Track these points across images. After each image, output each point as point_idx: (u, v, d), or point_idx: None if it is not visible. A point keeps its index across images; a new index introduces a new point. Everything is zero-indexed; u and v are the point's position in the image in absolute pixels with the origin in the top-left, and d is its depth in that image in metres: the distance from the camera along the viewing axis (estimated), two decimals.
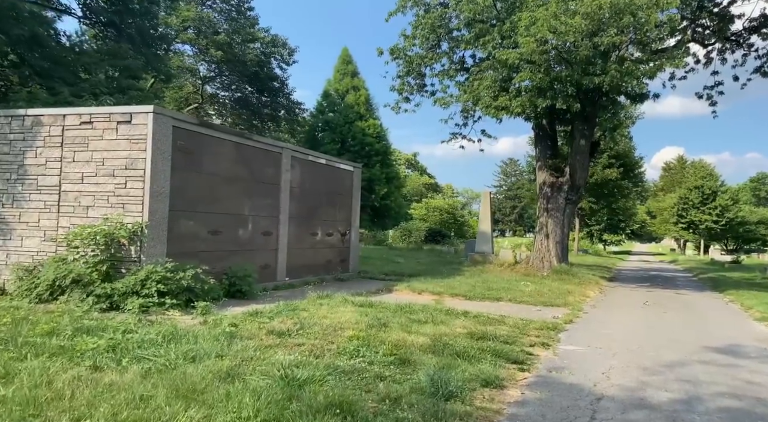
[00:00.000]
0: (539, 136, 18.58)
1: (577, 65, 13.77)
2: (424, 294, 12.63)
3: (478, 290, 13.08)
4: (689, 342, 8.35)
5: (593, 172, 35.07)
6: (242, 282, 10.34)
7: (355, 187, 16.05)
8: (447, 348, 6.49)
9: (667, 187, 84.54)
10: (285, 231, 12.58)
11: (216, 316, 7.69)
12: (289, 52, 34.00)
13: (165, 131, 9.09)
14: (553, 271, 16.83)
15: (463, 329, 7.91)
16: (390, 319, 8.15)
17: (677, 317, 11.10)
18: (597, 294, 14.88)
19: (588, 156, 17.74)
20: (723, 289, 17.15)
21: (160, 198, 9.01)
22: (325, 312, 8.42)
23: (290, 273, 12.84)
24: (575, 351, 7.34)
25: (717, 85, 19.86)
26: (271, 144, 12.21)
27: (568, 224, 17.92)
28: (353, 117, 35.87)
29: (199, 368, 4.80)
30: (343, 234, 15.42)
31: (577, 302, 12.58)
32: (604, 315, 10.93)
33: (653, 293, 15.76)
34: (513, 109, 14.57)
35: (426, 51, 19.26)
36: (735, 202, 62.35)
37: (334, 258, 14.98)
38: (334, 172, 15.00)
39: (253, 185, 11.55)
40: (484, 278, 15.43)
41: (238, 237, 11.13)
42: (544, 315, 10.35)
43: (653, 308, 12.40)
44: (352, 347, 6.19)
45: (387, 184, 36.53)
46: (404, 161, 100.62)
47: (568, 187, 17.57)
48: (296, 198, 13.07)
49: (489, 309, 10.70)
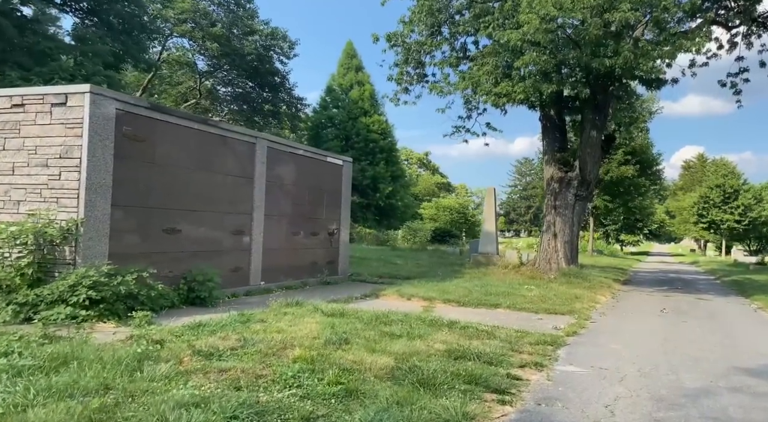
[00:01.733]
0: (547, 127, 17.20)
1: (587, 46, 12.42)
2: (413, 300, 11.39)
3: (475, 295, 11.80)
4: (715, 361, 7.00)
5: (608, 168, 33.46)
6: (202, 287, 9.18)
7: (345, 182, 14.85)
8: (412, 373, 5.25)
9: (686, 186, 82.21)
10: (260, 230, 11.42)
11: (149, 330, 6.52)
12: (290, 45, 32.93)
13: (106, 114, 7.96)
14: (561, 274, 15.46)
15: (443, 345, 6.66)
16: (357, 333, 6.94)
17: (699, 328, 9.71)
18: (608, 299, 13.49)
19: (599, 149, 16.33)
20: (750, 294, 15.63)
21: (99, 191, 7.88)
22: (284, 325, 7.22)
23: (266, 276, 11.67)
24: (575, 374, 6.04)
25: (742, 71, 18.28)
26: (242, 133, 11.04)
27: (577, 222, 16.53)
28: (357, 113, 34.76)
29: (47, 414, 3.59)
30: (330, 234, 14.22)
31: (585, 309, 11.23)
32: (614, 325, 9.58)
33: (672, 298, 14.31)
34: (515, 95, 13.24)
35: (426, 37, 18.00)
36: (758, 201, 60.01)
37: (321, 260, 13.78)
38: (319, 165, 13.81)
39: (220, 178, 10.39)
40: (484, 281, 14.12)
41: (202, 237, 9.98)
42: (545, 325, 9.05)
43: (671, 316, 11.01)
44: (292, 373, 4.98)
45: (392, 183, 35.35)
46: (416, 160, 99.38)
47: (578, 182, 16.17)
48: (274, 193, 11.90)
49: (483, 318, 9.42)
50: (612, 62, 12.36)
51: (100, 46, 14.56)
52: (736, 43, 18.31)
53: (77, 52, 14.01)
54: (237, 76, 32.56)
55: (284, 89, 34.11)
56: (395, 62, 18.64)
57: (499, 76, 14.30)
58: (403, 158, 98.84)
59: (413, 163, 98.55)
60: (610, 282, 17.11)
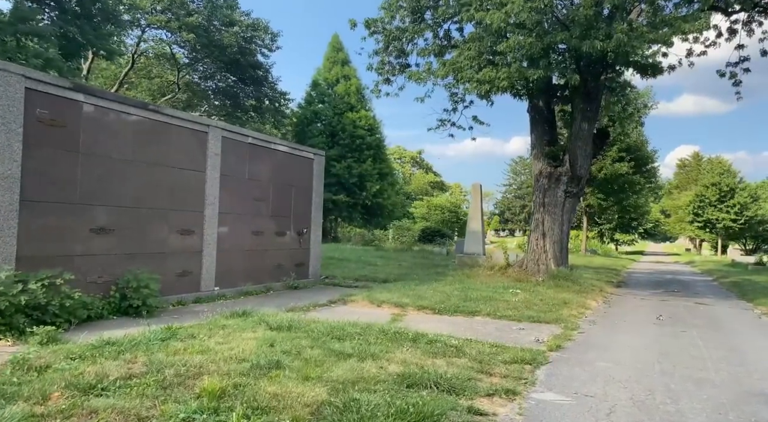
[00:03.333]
0: (535, 119, 16.10)
1: (576, 27, 11.33)
2: (384, 307, 10.29)
3: (453, 301, 10.72)
4: (722, 384, 5.92)
5: (602, 165, 32.45)
6: (135, 295, 8.04)
7: (317, 177, 13.72)
8: (346, 411, 4.14)
9: (682, 185, 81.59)
10: (213, 230, 10.28)
11: (42, 350, 5.40)
12: (272, 37, 31.68)
13: (12, 94, 6.81)
14: (550, 276, 14.38)
15: (399, 367, 5.56)
16: (299, 353, 5.83)
17: (700, 339, 8.63)
18: (599, 304, 12.41)
19: (591, 142, 15.24)
20: (752, 298, 14.59)
21: (2, 183, 6.74)
22: (214, 343, 6.11)
23: (222, 281, 10.54)
24: (553, 406, 4.95)
25: (742, 60, 17.25)
26: (191, 120, 9.89)
27: (567, 221, 15.45)
28: (343, 108, 33.57)
29: None
30: (299, 234, 13.09)
31: (573, 316, 10.16)
32: (604, 337, 8.49)
33: (668, 303, 13.25)
34: (499, 82, 12.13)
35: (408, 24, 16.88)
36: (755, 200, 59.25)
37: (287, 262, 12.65)
38: (287, 159, 12.67)
39: (164, 171, 9.25)
40: (466, 284, 13.04)
41: (141, 237, 8.83)
42: (526, 338, 7.96)
43: (669, 325, 9.93)
44: (185, 415, 3.87)
45: (380, 181, 34.19)
46: (409, 159, 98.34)
47: (568, 178, 15.09)
48: (231, 188, 10.77)
49: (457, 329, 8.34)
50: (603, 46, 11.27)
51: (42, 27, 13.32)
52: (735, 30, 17.28)
53: (14, 32, 12.76)
54: (218, 70, 31.32)
55: (267, 83, 32.87)
56: (375, 50, 17.54)
57: (482, 62, 13.21)
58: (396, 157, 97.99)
59: (406, 162, 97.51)
60: (603, 284, 16.04)
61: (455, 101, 18.64)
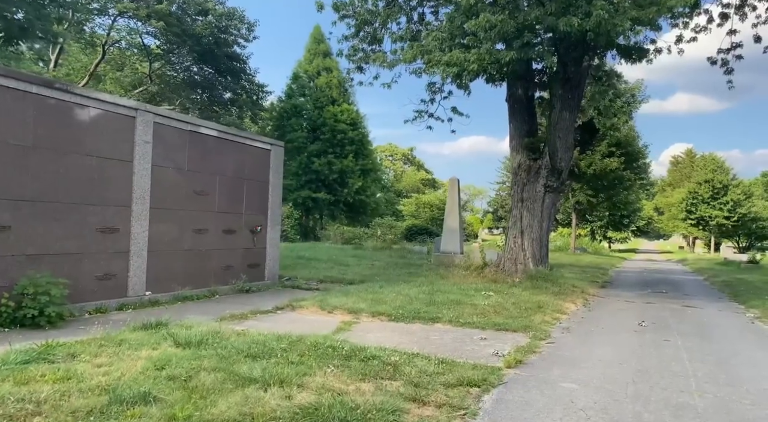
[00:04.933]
0: (514, 109, 15.04)
1: (552, 3, 10.27)
2: (335, 314, 9.22)
3: (415, 305, 9.67)
4: (705, 411, 4.88)
5: (591, 161, 31.47)
6: (32, 303, 6.93)
7: (274, 170, 12.62)
8: None
9: (675, 182, 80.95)
10: (143, 228, 9.17)
11: None
12: (248, 26, 30.46)
13: None
14: (528, 277, 13.36)
15: (310, 395, 4.50)
16: (190, 377, 4.77)
17: (685, 350, 7.60)
18: (578, 308, 11.37)
19: (572, 132, 14.19)
20: (744, 299, 13.61)
21: None
22: (92, 366, 5.03)
23: (155, 285, 9.43)
24: None
25: (734, 47, 16.26)
26: (113, 103, 8.74)
27: (548, 218, 14.41)
28: (325, 101, 32.41)
29: None
30: (253, 232, 11.99)
31: (545, 323, 9.11)
32: (575, 349, 7.45)
33: (653, 306, 12.24)
34: (469, 65, 11.04)
35: (381, 8, 15.80)
36: (748, 197, 58.58)
37: (239, 263, 11.56)
38: (238, 149, 11.56)
39: (78, 160, 8.13)
40: (436, 287, 11.97)
41: (47, 236, 7.71)
42: (485, 350, 6.91)
43: (651, 332, 8.89)
44: None
45: (363, 177, 33.06)
46: (401, 156, 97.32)
47: (548, 171, 14.05)
48: (166, 181, 9.66)
49: (409, 339, 7.29)
50: (582, 24, 10.21)
51: None
52: (727, 15, 16.29)
53: None
54: (193, 62, 30.06)
55: (245, 76, 31.64)
56: (345, 35, 16.46)
57: (454, 45, 12.13)
58: (388, 154, 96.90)
59: (398, 159, 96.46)
60: (586, 285, 15.01)
61: (433, 91, 17.68)
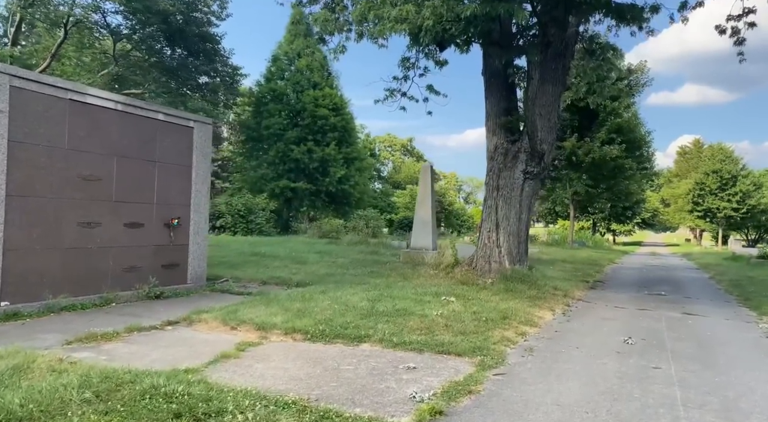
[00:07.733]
0: (490, 83, 13.02)
1: None
2: (239, 330, 7.33)
3: (347, 318, 7.79)
4: None
5: (589, 149, 29.35)
6: None
7: (200, 151, 10.71)
8: None
9: (682, 173, 78.66)
10: None
11: None
12: (220, 3, 28.42)
13: None
14: (502, 277, 11.43)
15: None
16: None
17: (680, 385, 5.65)
18: (554, 317, 9.41)
19: (556, 109, 12.16)
20: (756, 304, 11.62)
21: None
22: None
23: (16, 293, 7.57)
24: None
25: (746, 13, 14.14)
26: None
27: (527, 209, 12.43)
28: (305, 85, 30.40)
29: None
30: (169, 226, 10.10)
31: (505, 341, 7.19)
32: (530, 385, 5.50)
33: (647, 314, 10.27)
34: (423, 21, 9.04)
35: None
36: (757, 188, 56.24)
37: (148, 264, 9.67)
38: (147, 125, 9.64)
39: None
40: (389, 291, 10.05)
41: None
42: (403, 390, 5.00)
43: (638, 356, 6.93)
44: None
45: (345, 166, 31.08)
46: (400, 147, 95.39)
47: (527, 155, 12.07)
48: (33, 162, 7.78)
49: (309, 372, 5.40)
50: None
51: None
52: None
53: None
54: (163, 44, 28.05)
55: (219, 57, 29.64)
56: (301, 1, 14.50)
57: None
58: (387, 145, 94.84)
59: (396, 150, 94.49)
60: (572, 286, 13.06)
61: (406, 67, 15.69)
